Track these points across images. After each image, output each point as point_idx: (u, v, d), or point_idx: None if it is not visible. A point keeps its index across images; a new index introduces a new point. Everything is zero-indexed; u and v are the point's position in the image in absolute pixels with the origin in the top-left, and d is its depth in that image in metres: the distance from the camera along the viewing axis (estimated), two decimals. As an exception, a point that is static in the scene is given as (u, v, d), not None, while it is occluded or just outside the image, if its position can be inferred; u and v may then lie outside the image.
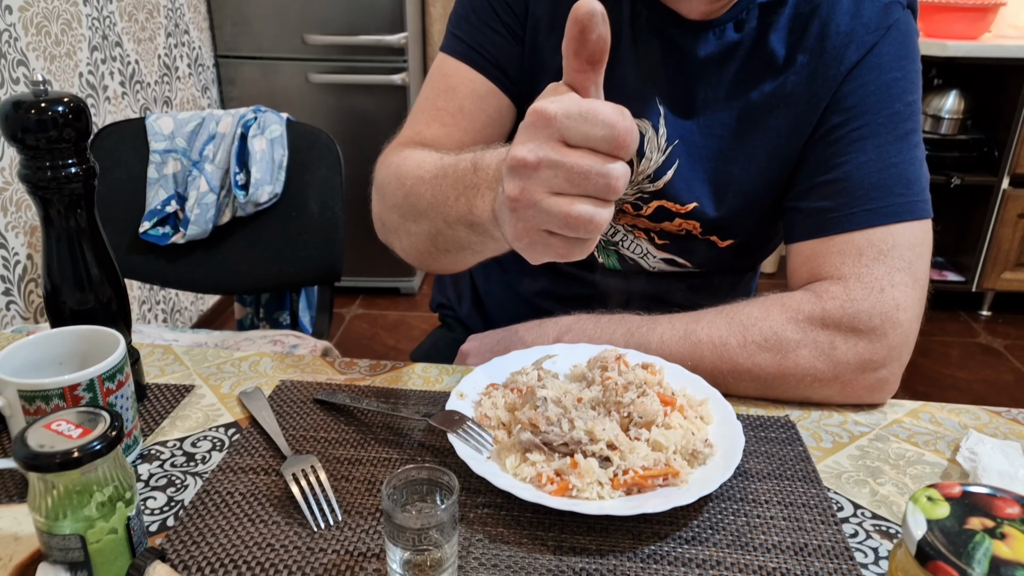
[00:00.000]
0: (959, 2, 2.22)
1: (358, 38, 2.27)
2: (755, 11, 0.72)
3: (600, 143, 0.43)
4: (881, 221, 0.67)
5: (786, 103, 0.72)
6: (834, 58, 0.70)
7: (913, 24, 0.72)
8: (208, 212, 1.31)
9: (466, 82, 0.79)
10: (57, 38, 1.58)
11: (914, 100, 0.70)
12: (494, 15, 0.78)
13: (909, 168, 0.68)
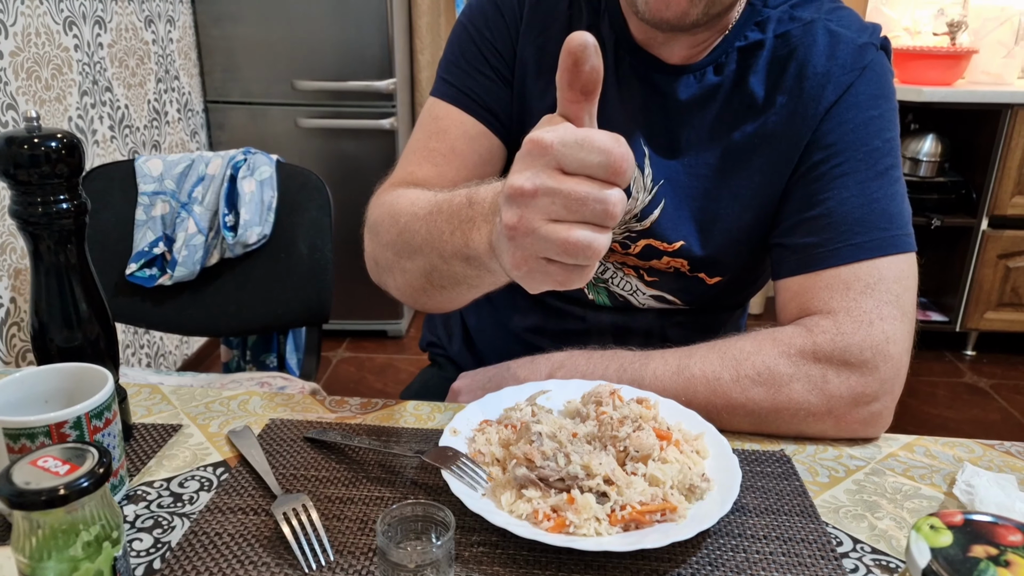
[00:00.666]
0: (933, 50, 2.29)
1: (347, 84, 2.30)
2: (734, 55, 0.74)
3: (596, 170, 0.43)
4: (866, 255, 0.68)
5: (768, 142, 0.74)
6: (812, 98, 0.72)
7: (887, 64, 0.74)
8: (196, 253, 1.31)
9: (457, 124, 0.80)
10: (47, 82, 1.59)
11: (892, 137, 0.72)
12: (483, 60, 0.80)
13: (891, 203, 0.70)
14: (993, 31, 2.24)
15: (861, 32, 0.73)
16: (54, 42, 1.61)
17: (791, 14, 0.74)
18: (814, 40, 0.73)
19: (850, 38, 0.72)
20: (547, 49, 0.79)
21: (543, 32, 0.79)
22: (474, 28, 0.82)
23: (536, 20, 0.79)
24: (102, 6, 1.78)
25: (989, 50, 2.27)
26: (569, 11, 0.79)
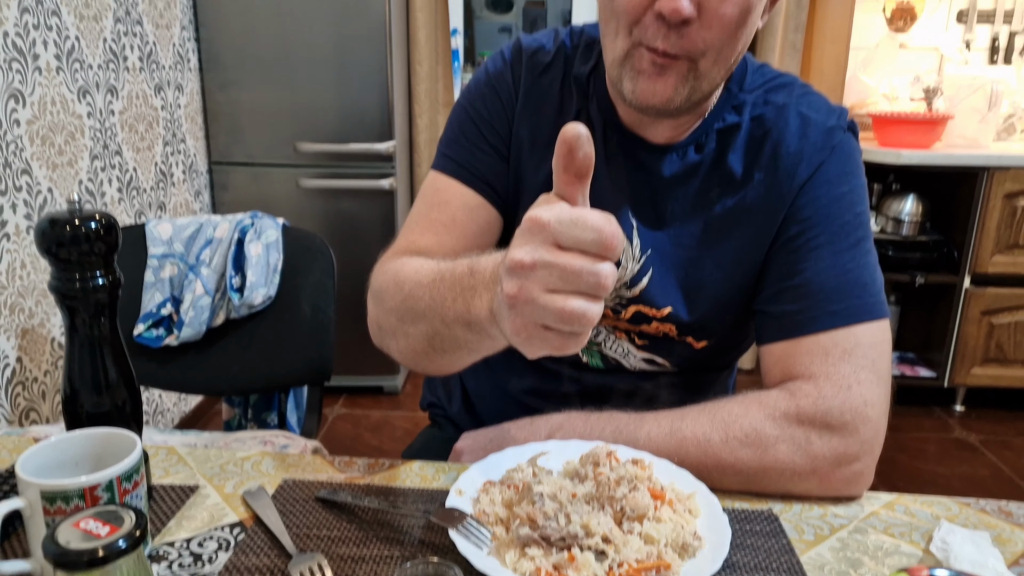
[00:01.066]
0: (911, 115, 2.39)
1: (348, 146, 2.38)
2: (713, 135, 0.81)
3: (589, 245, 0.47)
4: (843, 322, 0.73)
5: (747, 215, 0.79)
6: (787, 175, 0.78)
7: (854, 144, 0.81)
8: (203, 314, 1.35)
9: (458, 196, 0.86)
10: (60, 148, 1.65)
11: (862, 211, 0.78)
12: (482, 137, 0.86)
13: (863, 272, 0.75)
14: (967, 98, 2.35)
15: (829, 115, 0.80)
16: (68, 110, 1.68)
17: (765, 98, 0.81)
18: (787, 123, 0.79)
19: (819, 121, 0.79)
20: (541, 128, 0.85)
21: (537, 113, 0.85)
22: (473, 109, 0.88)
23: (530, 102, 0.86)
24: (115, 76, 1.86)
25: (964, 116, 2.37)
26: (561, 94, 0.86)
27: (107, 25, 1.82)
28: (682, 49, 0.69)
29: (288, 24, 2.29)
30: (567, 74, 0.86)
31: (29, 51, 1.54)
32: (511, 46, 0.89)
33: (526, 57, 0.87)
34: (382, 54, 2.33)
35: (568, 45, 0.88)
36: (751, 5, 0.69)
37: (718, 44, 0.70)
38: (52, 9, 1.61)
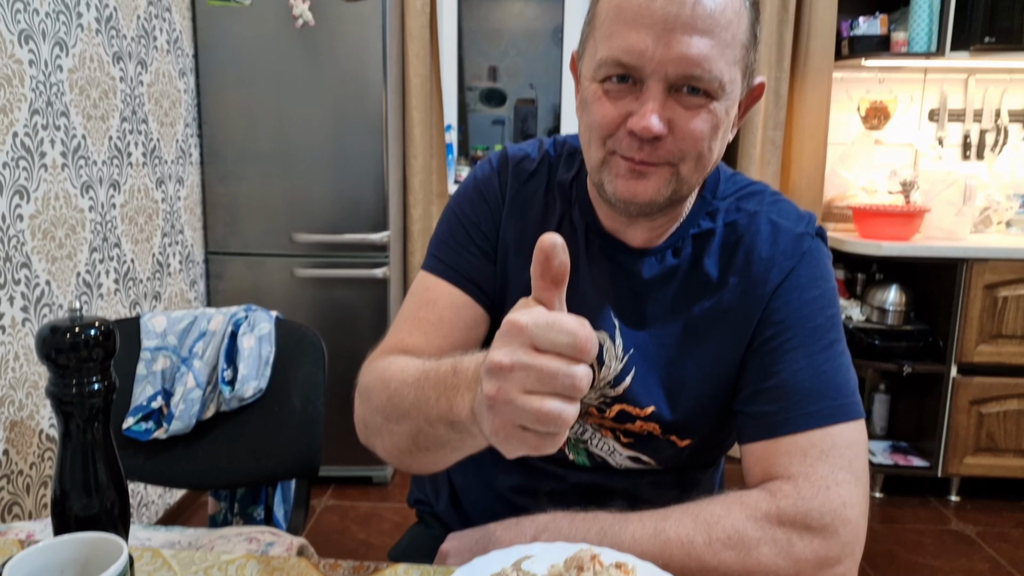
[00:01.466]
0: (890, 208, 2.47)
1: (343, 236, 2.43)
2: (689, 240, 0.85)
3: (565, 348, 0.49)
4: (819, 423, 0.75)
5: (724, 318, 0.82)
6: (760, 280, 0.81)
7: (824, 249, 0.85)
8: (193, 407, 1.35)
9: (445, 295, 0.89)
10: (61, 241, 1.69)
11: (834, 313, 0.81)
12: (469, 239, 0.90)
13: (837, 374, 0.78)
14: (942, 192, 2.43)
15: (798, 222, 0.84)
16: (71, 204, 1.72)
17: (737, 205, 0.85)
18: (758, 229, 0.83)
19: (789, 228, 0.83)
20: (526, 232, 0.89)
21: (522, 218, 0.90)
22: (462, 212, 0.93)
23: (516, 207, 0.90)
24: (119, 171, 1.92)
25: (940, 209, 2.45)
26: (545, 200, 0.90)
27: (113, 124, 1.89)
28: (659, 158, 0.74)
29: (288, 120, 2.38)
30: (551, 181, 0.91)
31: (36, 149, 1.60)
32: (498, 155, 0.94)
33: (512, 165, 0.92)
34: (378, 148, 2.41)
35: (552, 154, 0.93)
36: (719, 120, 0.74)
37: (694, 152, 0.74)
38: (61, 110, 1.68)
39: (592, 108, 0.76)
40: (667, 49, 0.69)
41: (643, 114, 0.71)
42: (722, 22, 0.70)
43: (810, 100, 2.60)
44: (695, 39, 0.69)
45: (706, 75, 0.70)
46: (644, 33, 0.70)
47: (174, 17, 2.21)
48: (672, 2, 0.69)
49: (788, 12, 2.54)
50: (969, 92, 2.76)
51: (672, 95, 0.72)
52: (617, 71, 0.73)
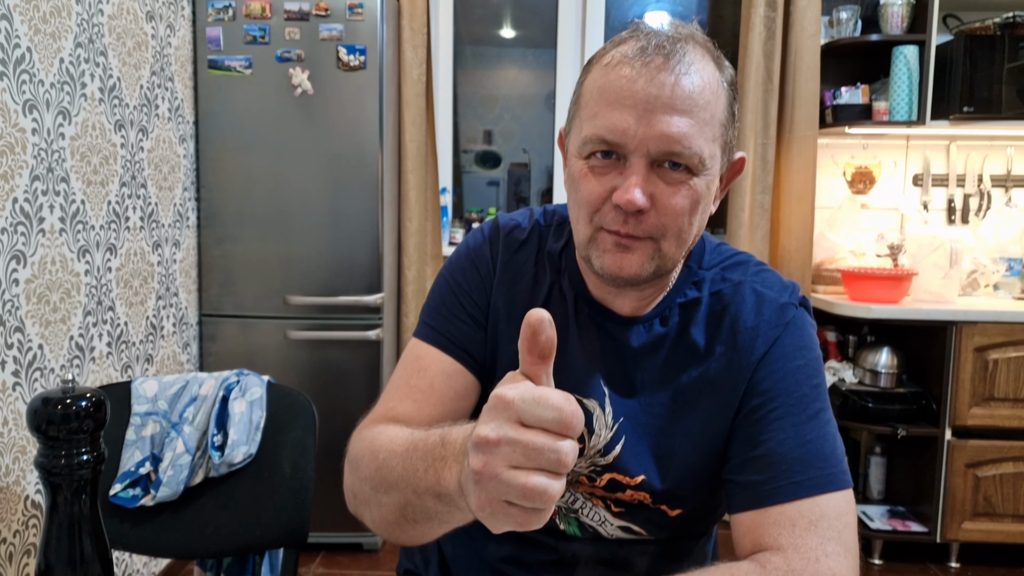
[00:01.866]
0: (878, 271, 2.50)
1: (337, 299, 2.45)
2: (676, 309, 0.87)
3: (551, 424, 0.50)
4: (807, 493, 0.75)
5: (711, 386, 0.83)
6: (746, 349, 0.83)
7: (807, 318, 0.86)
8: (181, 473, 1.34)
9: (436, 363, 0.90)
10: (55, 305, 1.70)
11: (819, 383, 0.82)
12: (460, 307, 0.92)
13: (824, 443, 0.78)
14: (929, 255, 2.47)
15: (782, 292, 0.86)
16: (67, 269, 1.74)
17: (723, 275, 0.87)
18: (743, 299, 0.85)
19: (773, 298, 0.85)
20: (516, 300, 0.91)
21: (513, 286, 0.91)
22: (453, 280, 0.94)
23: (507, 276, 0.92)
24: (116, 235, 1.94)
25: (928, 272, 2.48)
26: (535, 268, 0.92)
27: (113, 189, 1.92)
28: (643, 232, 0.76)
29: (285, 183, 2.42)
30: (540, 250, 0.93)
31: (35, 215, 1.63)
32: (490, 224, 0.96)
33: (503, 235, 0.94)
34: (374, 211, 2.45)
35: (542, 223, 0.95)
36: (699, 196, 0.77)
37: (675, 228, 0.77)
38: (62, 176, 1.71)
39: (579, 184, 0.79)
40: (648, 128, 0.73)
41: (627, 188, 0.74)
42: (700, 102, 0.74)
43: (796, 165, 2.66)
44: (675, 118, 0.73)
45: (686, 151, 0.74)
46: (627, 113, 0.74)
47: (176, 86, 2.27)
48: (653, 84, 0.73)
49: (773, 83, 2.63)
50: (951, 158, 2.83)
51: (654, 170, 0.75)
52: (601, 147, 0.76)
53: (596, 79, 0.78)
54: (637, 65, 0.74)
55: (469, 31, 3.10)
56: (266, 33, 2.34)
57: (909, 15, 2.58)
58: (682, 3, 3.21)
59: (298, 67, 2.35)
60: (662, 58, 0.74)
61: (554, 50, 3.03)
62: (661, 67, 0.74)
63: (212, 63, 2.36)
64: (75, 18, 1.75)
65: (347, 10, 2.34)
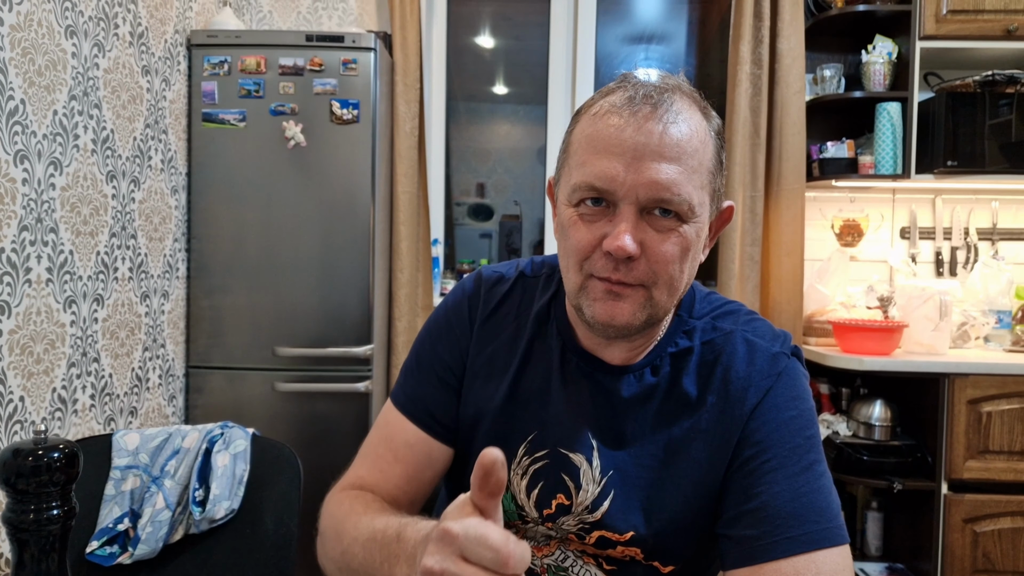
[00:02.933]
0: (869, 323, 2.50)
1: (326, 350, 2.42)
2: (667, 359, 0.86)
3: (489, 563, 0.52)
4: (802, 549, 0.73)
5: (703, 437, 0.82)
6: (738, 399, 0.82)
7: (800, 368, 0.85)
8: (160, 530, 1.30)
9: (401, 432, 0.93)
10: (39, 357, 1.67)
11: (813, 434, 0.81)
12: (432, 371, 0.94)
13: (818, 496, 0.76)
14: (918, 307, 2.48)
15: (774, 342, 0.85)
16: (53, 320, 1.72)
17: (713, 324, 0.87)
18: (735, 349, 0.84)
19: (765, 347, 0.84)
20: (497, 355, 0.91)
21: (492, 342, 0.92)
22: (429, 341, 0.96)
23: (485, 333, 0.92)
24: (103, 286, 1.93)
25: (918, 324, 2.48)
26: (516, 322, 0.92)
27: (102, 240, 1.92)
28: (634, 279, 0.76)
29: (277, 234, 2.42)
30: (524, 302, 0.93)
31: (22, 265, 1.61)
32: (473, 279, 0.97)
33: (485, 289, 0.94)
34: (365, 262, 2.45)
35: (528, 273, 0.96)
36: (689, 243, 0.77)
37: (666, 276, 0.77)
38: (51, 226, 1.71)
39: (569, 232, 0.79)
40: (638, 175, 0.74)
41: (616, 235, 0.74)
42: (688, 150, 0.75)
43: (785, 217, 2.68)
44: (663, 165, 0.74)
45: (675, 198, 0.75)
46: (616, 160, 0.75)
47: (170, 138, 2.29)
48: (641, 132, 0.74)
49: (760, 137, 2.67)
50: (937, 211, 2.87)
51: (644, 218, 0.76)
52: (591, 195, 0.77)
53: (585, 128, 0.79)
54: (625, 114, 0.75)
55: (462, 87, 3.15)
56: (261, 87, 2.37)
57: (891, 73, 2.64)
58: (670, 61, 3.28)
59: (292, 120, 2.38)
60: (650, 107, 0.75)
61: (545, 106, 3.08)
62: (649, 116, 0.75)
63: (206, 116, 2.39)
64: (70, 71, 1.77)
65: (341, 65, 2.38)
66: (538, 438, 0.87)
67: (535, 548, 0.88)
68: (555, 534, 0.86)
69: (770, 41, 2.66)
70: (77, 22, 1.78)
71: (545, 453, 0.86)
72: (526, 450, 0.87)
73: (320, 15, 2.90)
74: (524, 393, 0.88)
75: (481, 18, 3.24)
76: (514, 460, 0.87)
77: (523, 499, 0.87)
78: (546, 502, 0.86)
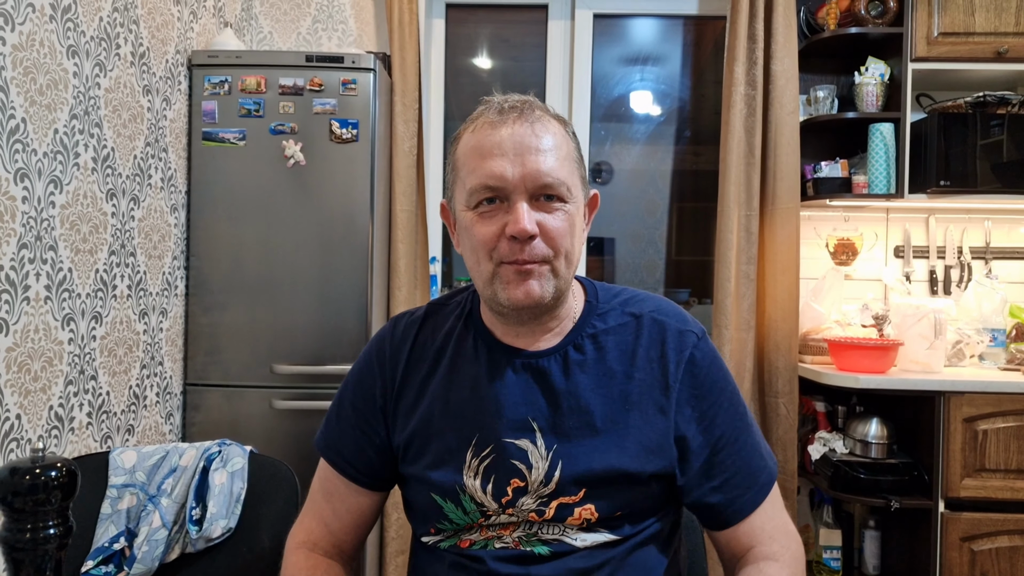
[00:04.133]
0: (864, 341, 2.51)
1: (324, 367, 2.43)
2: (587, 339, 0.97)
3: None
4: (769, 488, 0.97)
5: (635, 405, 0.94)
6: (662, 371, 0.95)
7: (710, 345, 0.99)
8: (156, 549, 1.30)
9: (328, 479, 1.06)
10: (36, 374, 1.68)
11: (736, 389, 0.98)
12: (349, 420, 1.05)
13: (761, 444, 0.98)
14: (913, 326, 2.49)
15: (681, 321, 0.99)
16: (51, 337, 1.73)
17: (623, 309, 1.00)
18: (647, 328, 0.97)
19: (673, 326, 0.97)
20: (425, 383, 1.00)
21: (418, 371, 1.01)
22: (348, 391, 1.07)
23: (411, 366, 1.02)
24: (102, 303, 1.94)
25: (913, 342, 2.49)
26: (436, 345, 1.02)
27: (101, 257, 1.93)
28: (538, 255, 0.89)
29: (275, 252, 2.43)
30: (438, 326, 1.03)
31: (21, 283, 1.62)
32: (390, 321, 1.09)
33: (402, 328, 1.05)
34: (363, 279, 2.46)
35: (436, 304, 1.07)
36: (574, 219, 0.92)
37: (563, 248, 0.90)
38: (50, 244, 1.72)
39: (473, 231, 0.91)
40: (523, 168, 0.88)
41: (516, 219, 0.87)
42: (555, 143, 0.91)
43: (780, 236, 2.70)
44: (540, 157, 0.89)
45: (555, 181, 0.89)
46: (501, 160, 0.88)
47: (170, 156, 2.31)
48: (515, 135, 0.89)
49: (755, 156, 2.69)
50: (931, 230, 2.89)
51: (534, 204, 0.89)
52: (487, 194, 0.89)
53: (467, 143, 0.93)
54: (498, 123, 0.90)
55: (460, 108, 3.18)
56: (260, 107, 2.40)
57: (883, 94, 2.67)
58: (665, 82, 3.32)
59: (291, 139, 2.40)
60: (516, 113, 0.91)
61: (542, 124, 3.10)
62: (518, 119, 0.90)
63: (206, 135, 2.41)
64: (72, 91, 1.79)
65: (340, 86, 2.40)
66: (480, 439, 0.95)
67: (501, 530, 0.95)
68: (516, 518, 0.94)
69: (764, 63, 2.69)
70: (79, 42, 1.81)
71: (491, 448, 0.94)
72: (473, 453, 0.95)
73: (320, 36, 2.93)
74: (457, 404, 0.97)
75: (479, 39, 3.27)
76: (464, 466, 0.95)
77: (480, 496, 0.94)
78: (502, 491, 0.93)
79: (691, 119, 3.28)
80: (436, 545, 0.99)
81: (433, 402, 0.98)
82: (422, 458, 0.98)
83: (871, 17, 2.62)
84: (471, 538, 0.96)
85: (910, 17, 2.57)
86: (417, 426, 0.98)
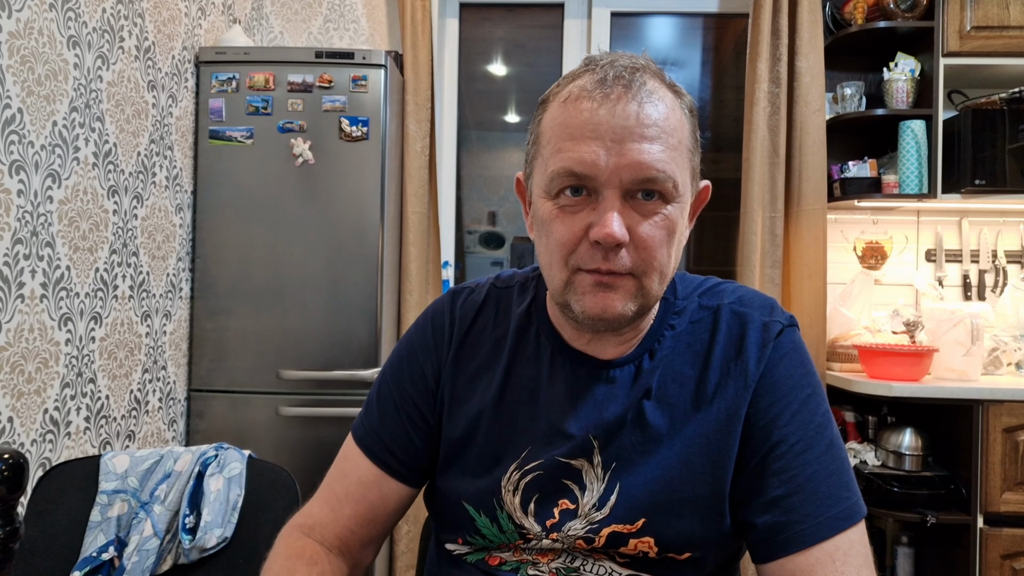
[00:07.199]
0: (896, 348, 2.40)
1: (332, 373, 2.35)
2: (660, 343, 0.82)
3: None
4: (842, 527, 0.73)
5: (707, 418, 0.78)
6: (740, 372, 0.79)
7: (796, 336, 0.82)
8: (147, 560, 1.22)
9: (356, 468, 0.91)
10: (30, 376, 1.61)
11: (826, 409, 0.79)
12: (395, 405, 0.90)
13: (844, 473, 0.76)
14: (948, 331, 2.37)
15: (766, 311, 0.83)
16: (46, 337, 1.65)
17: (699, 303, 0.84)
18: (725, 322, 0.82)
19: (756, 318, 0.82)
20: (479, 374, 0.87)
21: (473, 359, 0.88)
22: (392, 373, 0.92)
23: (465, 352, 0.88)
24: (102, 304, 1.86)
25: (948, 349, 2.37)
26: (495, 334, 0.88)
27: (101, 256, 1.86)
28: (624, 267, 0.73)
29: (283, 254, 2.36)
30: (500, 312, 0.90)
31: (15, 279, 1.55)
32: (444, 295, 0.94)
33: (459, 305, 0.92)
34: (374, 283, 2.38)
35: (499, 285, 0.93)
36: (675, 225, 0.74)
37: (655, 263, 0.74)
38: (47, 240, 1.65)
39: (551, 227, 0.75)
40: (620, 157, 0.71)
41: (604, 222, 0.71)
42: (667, 128, 0.73)
43: (806, 239, 2.60)
44: (645, 145, 0.71)
45: (660, 176, 0.72)
46: (595, 144, 0.71)
47: (175, 155, 2.24)
48: (615, 114, 0.71)
49: (779, 155, 2.60)
50: (964, 233, 2.77)
51: (628, 202, 0.73)
52: (571, 182, 0.73)
53: (556, 115, 0.76)
54: (598, 97, 0.72)
55: (474, 115, 3.11)
56: (269, 104, 2.33)
57: (914, 91, 2.57)
58: (684, 84, 3.23)
59: (300, 137, 2.33)
60: (622, 87, 0.72)
61: (558, 126, 3.03)
62: (622, 96, 0.72)
63: (213, 133, 2.34)
64: (72, 82, 1.73)
65: (351, 82, 2.34)
66: (531, 452, 0.83)
67: (539, 555, 0.83)
68: (561, 544, 0.81)
69: (788, 59, 2.60)
70: (80, 33, 1.75)
71: (540, 463, 0.82)
72: (518, 466, 0.83)
73: (331, 35, 2.87)
74: (510, 407, 0.85)
75: (493, 44, 3.21)
76: (504, 476, 0.83)
77: (520, 516, 0.82)
78: (548, 512, 0.81)
79: (711, 125, 3.19)
80: (462, 557, 0.87)
81: (484, 398, 0.85)
82: (460, 459, 0.86)
83: (900, 11, 2.52)
84: (502, 556, 0.85)
85: (941, 10, 2.48)
86: (462, 422, 0.86)
